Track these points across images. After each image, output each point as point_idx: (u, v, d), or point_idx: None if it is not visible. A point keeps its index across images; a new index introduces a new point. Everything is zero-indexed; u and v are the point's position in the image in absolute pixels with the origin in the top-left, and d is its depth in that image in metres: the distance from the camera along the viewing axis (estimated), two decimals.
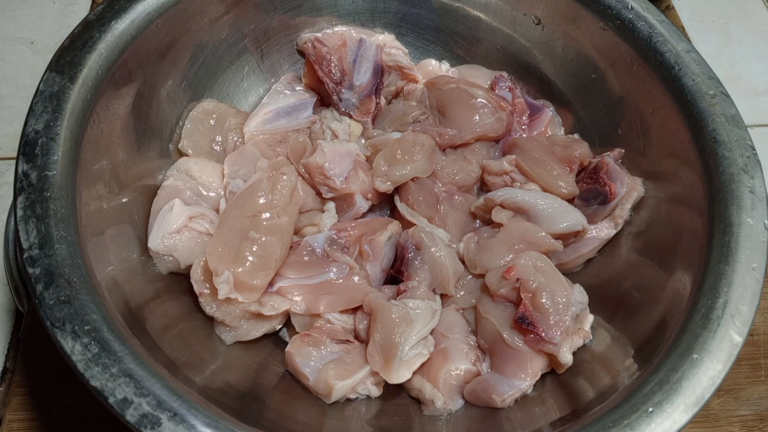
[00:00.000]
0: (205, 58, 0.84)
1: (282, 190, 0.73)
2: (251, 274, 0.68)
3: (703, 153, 0.68)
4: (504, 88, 0.90)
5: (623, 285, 0.74)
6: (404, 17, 0.94)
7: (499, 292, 0.69)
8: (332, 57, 0.86)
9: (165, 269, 0.72)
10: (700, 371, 0.54)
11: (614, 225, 0.78)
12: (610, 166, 0.78)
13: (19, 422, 0.73)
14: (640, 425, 0.52)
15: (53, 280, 0.54)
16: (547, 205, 0.76)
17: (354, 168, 0.79)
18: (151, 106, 0.77)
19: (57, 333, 0.52)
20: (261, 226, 0.71)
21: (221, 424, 0.51)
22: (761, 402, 0.79)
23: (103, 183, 0.67)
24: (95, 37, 0.68)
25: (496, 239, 0.75)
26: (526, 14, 0.89)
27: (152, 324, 0.63)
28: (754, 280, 0.59)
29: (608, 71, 0.83)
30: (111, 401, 0.50)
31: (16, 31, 1.10)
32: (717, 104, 0.70)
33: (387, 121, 0.88)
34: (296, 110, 0.87)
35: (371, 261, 0.76)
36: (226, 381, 0.64)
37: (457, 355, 0.70)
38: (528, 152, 0.82)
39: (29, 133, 0.61)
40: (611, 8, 0.80)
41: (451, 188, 0.82)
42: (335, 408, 0.68)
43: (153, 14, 0.73)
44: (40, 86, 0.64)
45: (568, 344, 0.66)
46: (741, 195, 0.64)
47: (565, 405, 0.64)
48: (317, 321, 0.72)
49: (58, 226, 0.56)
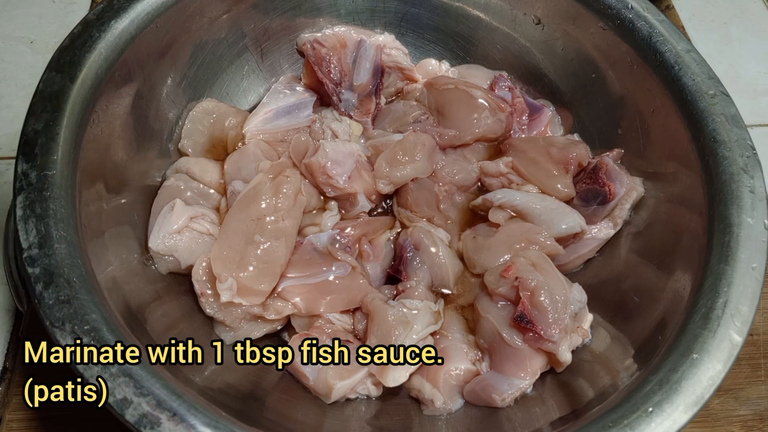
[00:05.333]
0: (204, 58, 0.84)
1: (286, 192, 0.73)
2: (257, 279, 0.69)
3: (703, 153, 0.68)
4: (504, 87, 0.90)
5: (623, 285, 0.74)
6: (404, 17, 0.94)
7: (497, 290, 0.70)
8: (331, 58, 0.86)
9: (165, 269, 0.72)
10: (699, 371, 0.54)
11: (613, 225, 0.78)
12: (609, 166, 0.78)
13: (18, 422, 0.73)
14: (639, 425, 0.52)
15: (53, 280, 0.54)
16: (545, 208, 0.76)
17: (357, 168, 0.79)
18: (150, 105, 0.77)
19: (57, 333, 0.52)
20: (266, 229, 0.71)
21: (221, 423, 0.51)
22: (761, 402, 0.79)
23: (103, 183, 0.67)
24: (95, 36, 0.68)
25: (496, 239, 0.75)
26: (526, 14, 0.89)
27: (152, 324, 0.63)
28: (754, 280, 0.59)
29: (608, 71, 0.83)
30: (111, 401, 0.50)
31: (16, 31, 1.10)
32: (717, 104, 0.70)
33: (387, 122, 0.88)
34: (296, 109, 0.87)
35: (371, 261, 0.76)
36: (226, 381, 0.64)
37: (456, 354, 0.70)
38: (524, 153, 0.82)
39: (29, 133, 0.61)
40: (611, 8, 0.80)
41: (451, 188, 0.82)
42: (335, 408, 0.68)
43: (153, 13, 0.72)
44: (39, 86, 0.64)
45: (567, 342, 0.67)
46: (741, 195, 0.64)
47: (564, 404, 0.64)
48: (317, 321, 0.72)
49: (58, 226, 0.56)
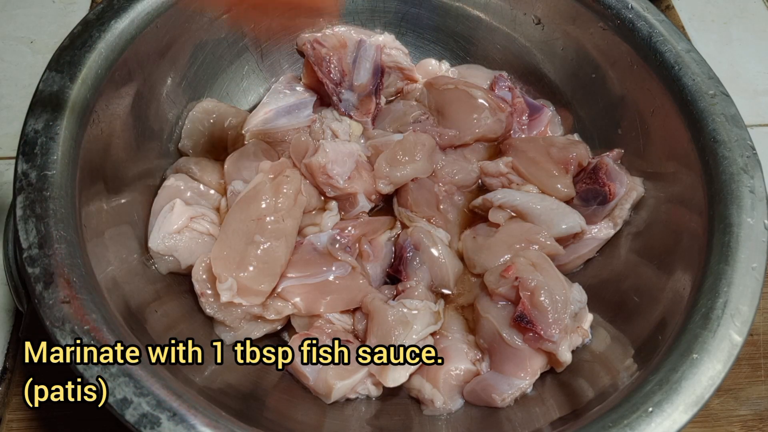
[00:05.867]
0: (204, 58, 0.84)
1: (286, 192, 0.73)
2: (257, 280, 0.69)
3: (703, 153, 0.68)
4: (504, 87, 0.90)
5: (623, 285, 0.74)
6: (404, 17, 0.94)
7: (497, 290, 0.69)
8: (331, 58, 0.86)
9: (165, 269, 0.72)
10: (699, 371, 0.54)
11: (613, 225, 0.78)
12: (609, 166, 0.77)
13: (18, 422, 0.73)
14: (639, 425, 0.52)
15: (53, 280, 0.53)
16: (545, 208, 0.76)
17: (357, 168, 0.79)
18: (150, 105, 0.77)
19: (56, 333, 0.52)
20: (266, 230, 0.71)
21: (221, 423, 0.51)
22: (761, 402, 0.79)
23: (103, 183, 0.67)
24: (95, 36, 0.68)
25: (496, 239, 0.75)
26: (526, 14, 0.89)
27: (152, 324, 0.63)
28: (754, 280, 0.59)
29: (608, 71, 0.83)
30: (111, 401, 0.50)
31: (16, 31, 1.10)
32: (717, 104, 0.70)
33: (387, 121, 0.88)
34: (296, 109, 0.87)
35: (371, 261, 0.76)
36: (226, 381, 0.64)
37: (456, 354, 0.70)
38: (524, 154, 0.82)
39: (29, 133, 0.61)
40: (611, 8, 0.79)
41: (451, 188, 0.82)
42: (335, 408, 0.68)
43: (153, 13, 0.72)
44: (39, 86, 0.64)
45: (567, 342, 0.66)
46: (741, 195, 0.64)
47: (564, 405, 0.64)
48: (317, 321, 0.72)
49: (58, 226, 0.56)
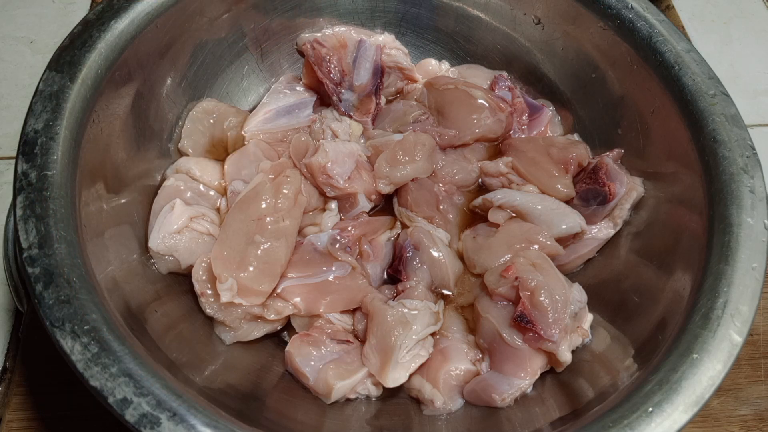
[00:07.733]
0: (204, 58, 0.84)
1: (286, 193, 0.73)
2: (257, 280, 0.69)
3: (703, 153, 0.68)
4: (504, 87, 0.90)
5: (623, 285, 0.74)
6: (404, 17, 0.94)
7: (497, 290, 0.69)
8: (331, 58, 0.86)
9: (165, 269, 0.72)
10: (699, 371, 0.54)
11: (613, 225, 0.78)
12: (609, 166, 0.77)
13: (18, 422, 0.73)
14: (639, 425, 0.52)
15: (53, 280, 0.53)
16: (545, 208, 0.76)
17: (357, 168, 0.79)
18: (150, 105, 0.77)
19: (56, 333, 0.52)
20: (266, 230, 0.71)
21: (221, 424, 0.51)
22: (761, 402, 0.79)
23: (103, 183, 0.67)
24: (95, 36, 0.68)
25: (496, 239, 0.75)
26: (526, 14, 0.89)
27: (152, 324, 0.63)
28: (754, 280, 0.59)
29: (608, 71, 0.83)
30: (110, 401, 0.50)
31: (16, 31, 1.10)
32: (717, 104, 0.70)
33: (387, 121, 0.88)
34: (296, 109, 0.87)
35: (371, 261, 0.76)
36: (226, 381, 0.64)
37: (456, 354, 0.70)
38: (524, 154, 0.82)
39: (29, 133, 0.61)
40: (611, 8, 0.79)
41: (451, 188, 0.82)
42: (335, 408, 0.68)
43: (153, 13, 0.72)
44: (39, 85, 0.64)
45: (567, 342, 0.66)
46: (741, 195, 0.64)
47: (564, 404, 0.64)
48: (317, 321, 0.72)
49: (58, 226, 0.56)
